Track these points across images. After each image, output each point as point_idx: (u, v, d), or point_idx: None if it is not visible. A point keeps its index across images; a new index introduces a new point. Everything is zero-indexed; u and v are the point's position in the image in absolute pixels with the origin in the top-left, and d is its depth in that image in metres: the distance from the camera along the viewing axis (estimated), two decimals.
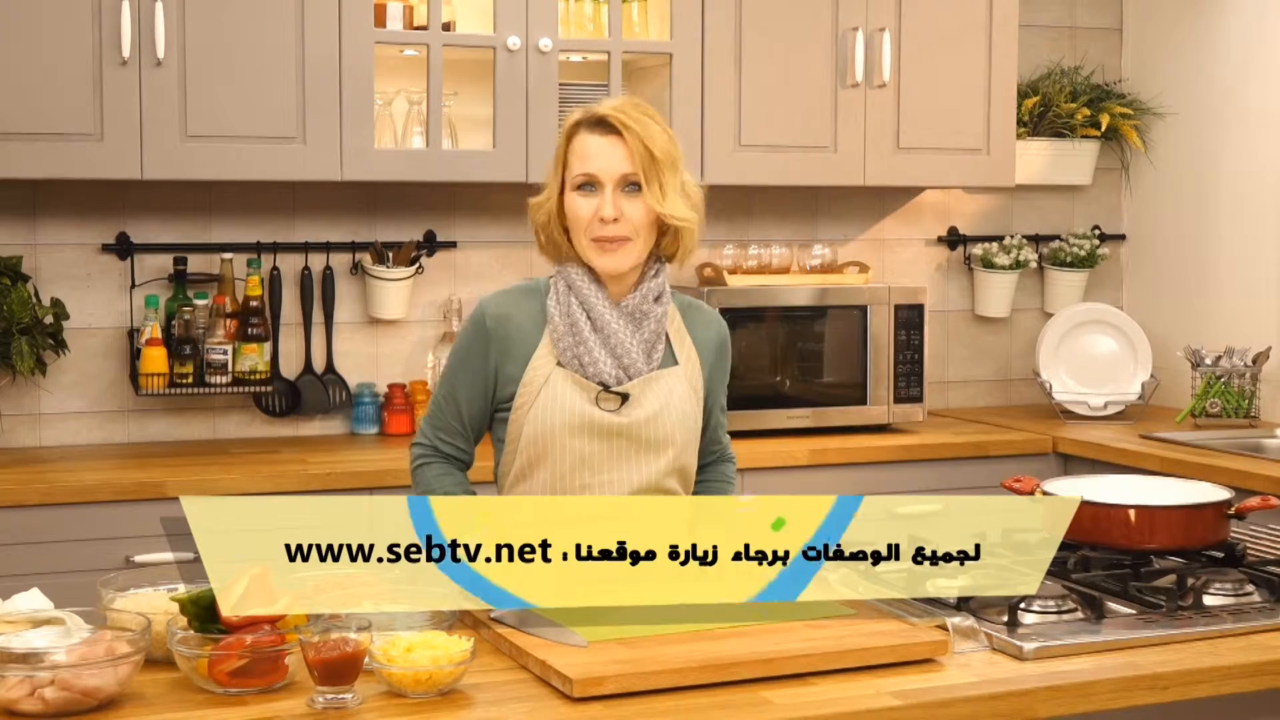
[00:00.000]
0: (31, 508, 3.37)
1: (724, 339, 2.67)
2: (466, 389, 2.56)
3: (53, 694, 1.81)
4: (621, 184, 2.47)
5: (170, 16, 3.61)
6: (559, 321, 2.51)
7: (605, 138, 2.47)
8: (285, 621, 1.96)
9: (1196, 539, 2.49)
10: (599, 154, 2.47)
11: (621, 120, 2.46)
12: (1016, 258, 4.71)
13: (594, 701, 1.90)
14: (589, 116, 2.51)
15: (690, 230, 2.53)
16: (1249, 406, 4.33)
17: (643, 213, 2.48)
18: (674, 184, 2.49)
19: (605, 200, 2.46)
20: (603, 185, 2.47)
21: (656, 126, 2.49)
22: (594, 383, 2.49)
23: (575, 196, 2.49)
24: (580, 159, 2.49)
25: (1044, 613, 2.24)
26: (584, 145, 2.49)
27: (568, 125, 2.53)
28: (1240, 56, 4.54)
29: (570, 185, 2.50)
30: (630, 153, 2.46)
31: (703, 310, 2.66)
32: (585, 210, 2.48)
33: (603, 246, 2.48)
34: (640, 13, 4.14)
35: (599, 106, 2.51)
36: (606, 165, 2.47)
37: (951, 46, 4.32)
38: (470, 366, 2.55)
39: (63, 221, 3.94)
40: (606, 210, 2.46)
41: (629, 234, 2.47)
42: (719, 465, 2.72)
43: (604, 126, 2.48)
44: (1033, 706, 1.98)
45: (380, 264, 4.11)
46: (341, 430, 4.19)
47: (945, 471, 4.09)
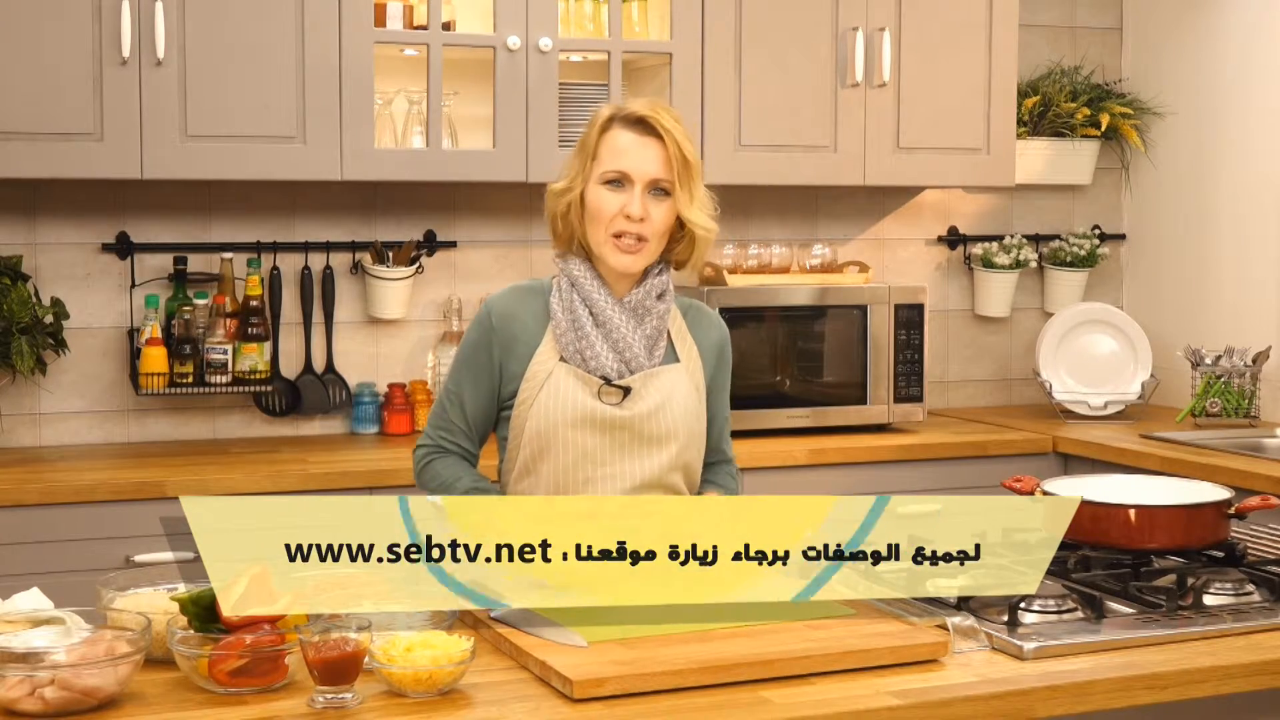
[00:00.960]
0: (31, 507, 3.37)
1: (724, 342, 2.67)
2: (471, 388, 2.56)
3: (53, 694, 1.81)
4: (650, 186, 2.48)
5: (170, 16, 3.61)
6: (561, 317, 2.52)
7: (643, 138, 2.49)
8: (285, 621, 1.96)
9: (1196, 539, 2.49)
10: (634, 152, 2.48)
11: (661, 123, 2.48)
12: (1016, 257, 4.71)
13: (594, 702, 1.90)
14: (626, 114, 2.51)
15: (708, 239, 2.56)
16: (1249, 406, 4.33)
17: (664, 217, 2.50)
18: (700, 192, 2.52)
19: (634, 199, 2.47)
20: (633, 184, 2.48)
21: (685, 131, 2.51)
22: (596, 376, 2.50)
23: (603, 190, 2.49)
24: (614, 154, 2.49)
25: (1044, 612, 2.24)
26: (618, 141, 2.49)
27: (602, 118, 2.52)
28: (1240, 56, 4.54)
29: (599, 179, 2.50)
30: (667, 157, 2.48)
31: (705, 312, 2.67)
32: (611, 206, 2.48)
33: (622, 245, 2.49)
34: (640, 12, 4.14)
35: (635, 105, 2.51)
36: (640, 165, 2.48)
37: (951, 46, 4.32)
38: (475, 365, 2.56)
39: (63, 221, 3.94)
40: (635, 209, 2.47)
41: (649, 236, 2.49)
42: (721, 465, 2.72)
43: (642, 126, 2.49)
44: (1033, 706, 1.98)
45: (380, 264, 4.11)
46: (341, 430, 4.19)
47: (945, 471, 4.10)
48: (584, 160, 2.53)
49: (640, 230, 2.48)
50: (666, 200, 2.49)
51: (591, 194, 2.51)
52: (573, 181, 2.54)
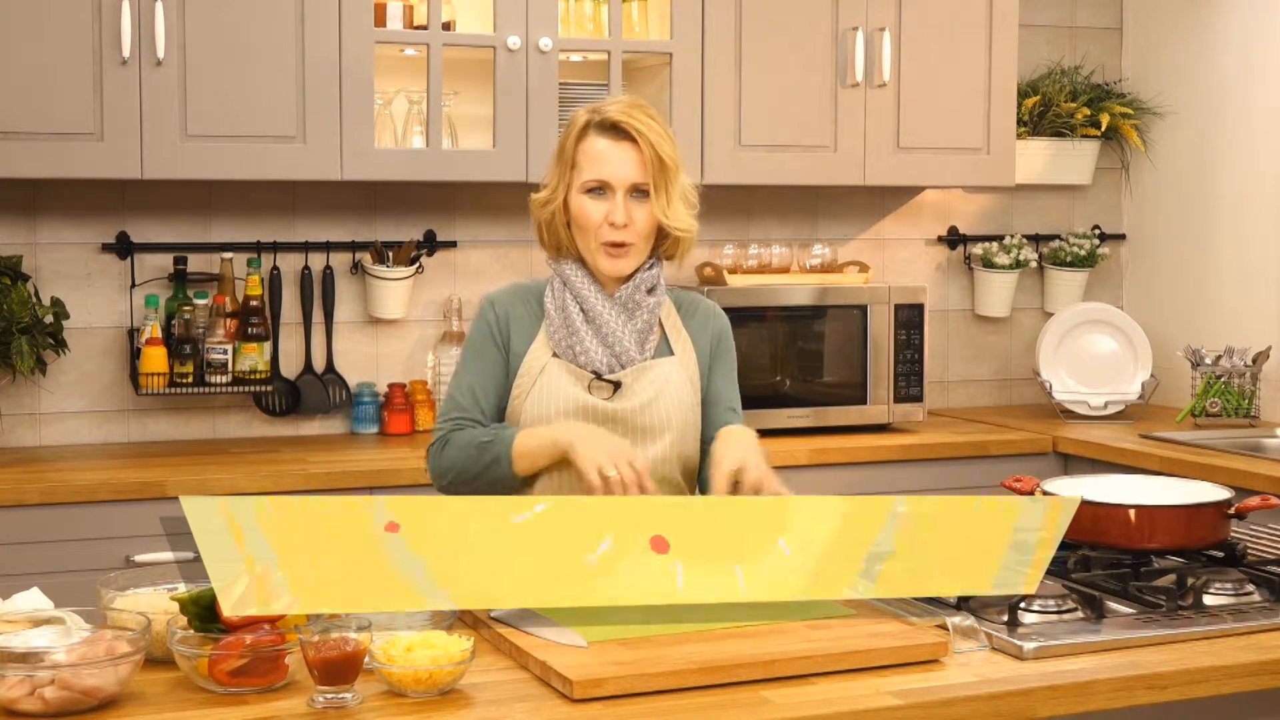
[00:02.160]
0: (31, 507, 3.37)
1: (722, 330, 2.67)
2: (480, 376, 2.57)
3: (53, 693, 1.81)
4: (631, 190, 2.50)
5: (170, 16, 3.61)
6: (554, 314, 2.55)
7: (617, 143, 2.49)
8: (285, 621, 1.96)
9: (1196, 539, 2.49)
10: (611, 159, 2.49)
11: (635, 126, 2.48)
12: (1016, 257, 4.71)
13: (594, 702, 1.90)
14: (600, 119, 2.51)
15: (690, 238, 2.57)
16: (1249, 406, 4.32)
17: (648, 218, 2.51)
18: (678, 190, 2.52)
19: (617, 206, 2.49)
20: (614, 191, 2.49)
21: (662, 130, 2.51)
22: (587, 371, 2.51)
23: (585, 199, 2.51)
24: (591, 163, 2.50)
25: (1044, 612, 2.24)
26: (595, 148, 2.50)
27: (577, 125, 2.53)
28: (1240, 56, 4.54)
29: (580, 188, 2.51)
30: (643, 160, 2.49)
31: (700, 304, 2.68)
32: (596, 214, 2.49)
33: (611, 251, 2.50)
34: (640, 12, 4.14)
35: (609, 109, 2.51)
36: (619, 171, 2.49)
37: (951, 46, 4.32)
38: (484, 354, 2.57)
39: (63, 221, 3.94)
40: (618, 216, 2.48)
41: (634, 239, 2.51)
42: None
43: (616, 131, 2.49)
44: (1033, 706, 1.98)
45: (380, 263, 4.11)
46: (342, 430, 4.19)
47: (945, 471, 4.10)
48: (563, 168, 2.54)
49: (624, 237, 2.50)
50: (648, 202, 2.51)
51: (575, 202, 2.52)
52: (554, 191, 2.55)
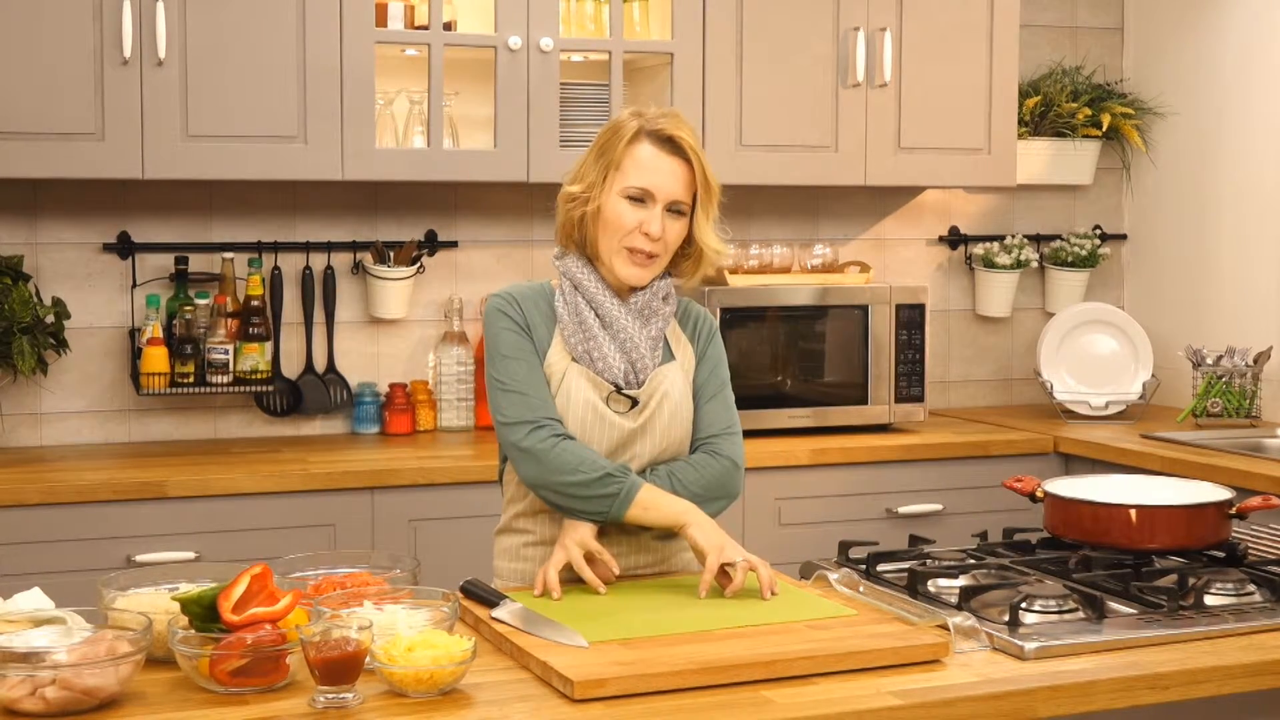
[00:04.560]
0: (32, 507, 3.37)
1: (711, 330, 2.65)
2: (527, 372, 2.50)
3: (54, 693, 1.81)
4: (669, 205, 2.50)
5: (171, 16, 3.61)
6: (568, 319, 2.53)
7: (671, 157, 2.49)
8: (286, 621, 1.96)
9: (1197, 539, 2.49)
10: (661, 171, 2.48)
11: (690, 145, 2.49)
12: (1017, 257, 4.71)
13: (595, 702, 1.90)
14: (655, 130, 2.49)
15: (717, 260, 2.58)
16: (1250, 406, 4.32)
17: (677, 236, 2.52)
18: (714, 215, 2.55)
19: (654, 217, 2.48)
20: (655, 202, 2.48)
21: (702, 150, 2.53)
22: (606, 380, 2.50)
23: (624, 204, 2.49)
24: (640, 170, 2.48)
25: (1045, 612, 2.24)
26: (646, 157, 2.48)
27: (630, 130, 2.49)
28: (1240, 56, 4.54)
29: (621, 191, 2.49)
30: (691, 179, 2.50)
31: (692, 307, 2.69)
32: (630, 220, 2.48)
33: (634, 259, 2.50)
34: (641, 12, 4.14)
35: (663, 123, 2.49)
36: (666, 185, 2.48)
37: (953, 46, 4.32)
38: (525, 351, 2.50)
39: (64, 221, 3.94)
40: (654, 227, 2.48)
41: (661, 253, 2.51)
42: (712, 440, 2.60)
43: (670, 145, 2.49)
44: (1034, 706, 1.98)
45: (381, 263, 4.11)
46: (342, 430, 4.19)
47: (946, 471, 4.09)
48: (605, 169, 2.51)
49: (655, 249, 2.50)
50: (681, 220, 2.51)
51: (610, 204, 2.50)
52: (590, 189, 2.51)
